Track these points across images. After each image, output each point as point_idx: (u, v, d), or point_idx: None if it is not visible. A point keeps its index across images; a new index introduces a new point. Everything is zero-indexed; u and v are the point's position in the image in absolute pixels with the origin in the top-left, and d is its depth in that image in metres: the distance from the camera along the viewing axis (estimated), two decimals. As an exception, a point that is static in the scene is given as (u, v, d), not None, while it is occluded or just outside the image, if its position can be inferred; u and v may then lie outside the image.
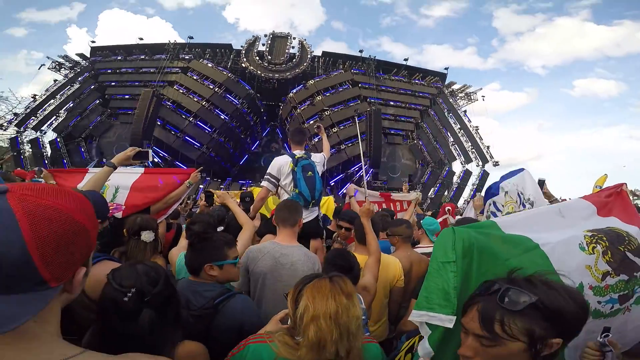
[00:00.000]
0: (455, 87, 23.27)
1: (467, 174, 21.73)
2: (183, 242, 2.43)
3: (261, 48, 20.82)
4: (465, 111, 22.95)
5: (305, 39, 21.49)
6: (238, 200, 3.25)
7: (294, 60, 20.77)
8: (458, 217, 4.85)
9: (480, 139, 22.09)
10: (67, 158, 19.24)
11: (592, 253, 1.23)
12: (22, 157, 17.92)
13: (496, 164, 21.61)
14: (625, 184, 1.63)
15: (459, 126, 22.37)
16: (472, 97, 23.20)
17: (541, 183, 2.85)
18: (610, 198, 1.58)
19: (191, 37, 21.47)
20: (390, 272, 2.26)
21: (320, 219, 2.96)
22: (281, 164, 2.91)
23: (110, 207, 2.51)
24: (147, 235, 1.92)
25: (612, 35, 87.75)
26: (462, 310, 0.91)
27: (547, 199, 2.84)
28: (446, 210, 5.25)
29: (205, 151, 20.05)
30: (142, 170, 3.01)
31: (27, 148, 18.67)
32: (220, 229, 2.64)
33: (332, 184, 20.22)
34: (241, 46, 20.99)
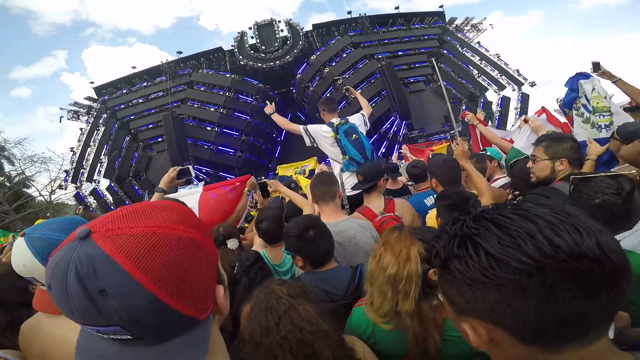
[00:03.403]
0: (458, 22, 22.08)
1: (505, 101, 20.62)
2: (258, 241, 2.39)
3: (251, 41, 20.48)
4: (478, 42, 21.91)
5: (291, 19, 20.95)
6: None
7: (288, 42, 20.27)
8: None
9: (506, 64, 20.96)
10: (127, 199, 20.43)
11: None
12: (91, 209, 19.44)
13: (533, 84, 20.38)
14: None
15: (478, 58, 21.35)
16: (480, 28, 21.95)
17: (596, 65, 2.61)
18: None
19: (180, 52, 21.59)
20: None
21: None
22: (319, 129, 2.88)
23: None
24: (232, 243, 1.98)
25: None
26: None
27: (609, 79, 2.63)
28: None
29: (240, 155, 20.55)
30: (200, 189, 3.05)
31: (91, 200, 20.18)
32: None
33: (368, 147, 19.93)
34: (231, 46, 20.81)
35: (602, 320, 0.45)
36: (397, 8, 21.95)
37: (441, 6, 22.61)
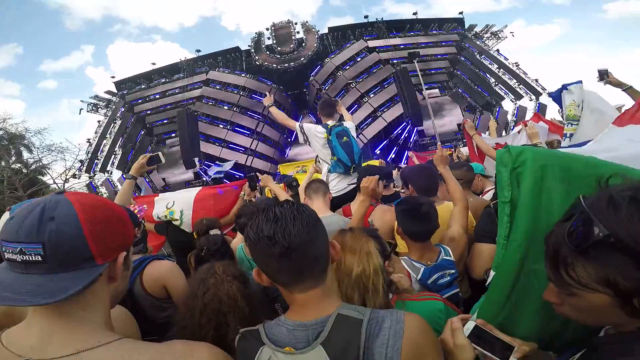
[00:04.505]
0: (477, 29, 21.62)
1: (521, 110, 19.99)
2: (239, 236, 2.50)
3: (268, 42, 20.79)
4: (498, 50, 21.34)
5: (307, 22, 21.16)
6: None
7: (304, 44, 20.47)
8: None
9: (525, 73, 20.33)
10: (136, 190, 21.27)
11: None
12: None
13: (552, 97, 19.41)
14: None
15: (496, 66, 20.78)
16: (500, 36, 21.38)
17: (603, 73, 2.57)
18: None
19: (199, 50, 22.09)
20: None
21: None
22: (313, 129, 2.91)
23: (135, 210, 2.87)
24: (214, 232, 2.09)
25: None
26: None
27: (619, 87, 2.56)
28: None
29: (250, 154, 20.79)
30: (198, 189, 3.24)
31: (103, 190, 20.92)
32: None
33: (378, 152, 19.73)
34: (248, 46, 21.15)
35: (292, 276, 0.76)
36: (415, 14, 21.88)
37: (461, 13, 22.40)
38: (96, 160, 20.75)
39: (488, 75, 21.00)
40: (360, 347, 0.69)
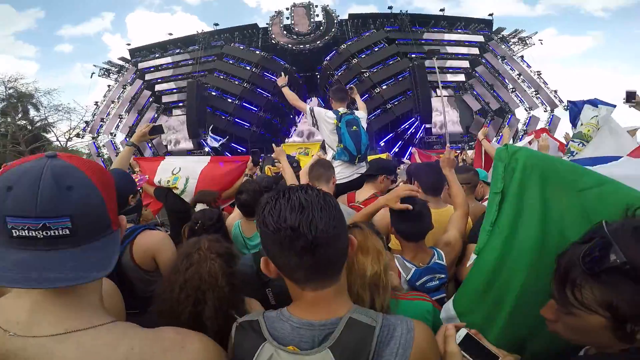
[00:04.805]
0: (505, 33, 20.85)
1: (533, 120, 19.66)
2: (236, 211, 2.49)
3: (286, 22, 20.32)
4: (522, 57, 20.68)
5: (328, 5, 20.55)
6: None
7: (321, 27, 20.00)
8: None
9: (545, 83, 19.82)
10: (138, 154, 21.46)
11: None
12: (102, 159, 20.47)
13: (567, 107, 18.93)
14: None
15: (517, 72, 20.27)
16: (528, 42, 20.61)
17: (631, 95, 2.47)
18: None
19: (216, 24, 21.76)
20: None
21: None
22: (324, 113, 2.87)
23: (137, 179, 2.80)
24: (199, 207, 2.20)
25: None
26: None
27: None
28: None
29: (255, 130, 20.71)
30: (208, 159, 3.23)
31: (105, 151, 21.17)
32: None
33: (382, 144, 19.60)
34: (266, 24, 20.73)
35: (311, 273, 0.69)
36: (442, 10, 21.16)
37: (491, 14, 21.46)
38: (101, 123, 20.84)
39: (507, 81, 20.51)
40: (370, 354, 0.66)
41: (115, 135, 21.44)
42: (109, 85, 21.63)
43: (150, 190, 3.08)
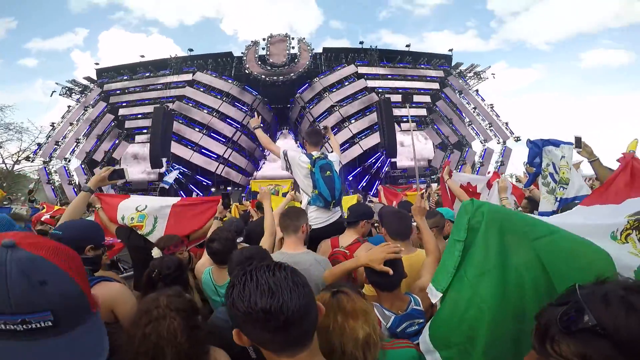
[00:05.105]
0: (462, 67, 22.68)
1: (488, 153, 21.18)
2: (205, 257, 2.39)
3: (261, 52, 20.79)
4: (477, 90, 22.44)
5: (304, 38, 21.29)
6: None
7: (296, 60, 20.65)
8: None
9: (497, 116, 21.60)
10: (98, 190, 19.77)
11: (624, 242, 1.10)
12: (52, 187, 18.73)
13: (518, 139, 20.94)
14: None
15: (472, 106, 21.91)
16: (482, 76, 22.50)
17: (578, 140, 2.46)
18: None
19: (191, 50, 21.73)
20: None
21: (344, 220, 2.86)
22: (297, 158, 2.86)
23: (108, 240, 2.75)
24: (155, 252, 2.16)
25: (610, 7, 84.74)
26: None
27: (587, 157, 2.46)
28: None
29: (222, 162, 20.27)
30: (176, 199, 3.13)
31: (56, 178, 19.43)
32: (240, 239, 2.60)
33: (350, 179, 20.02)
34: (242, 53, 21.02)
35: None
36: (408, 46, 22.64)
37: (450, 50, 23.17)
38: (55, 146, 19.39)
39: (464, 114, 21.99)
40: None
41: (69, 161, 20.00)
42: (69, 106, 20.48)
43: (112, 228, 2.89)
